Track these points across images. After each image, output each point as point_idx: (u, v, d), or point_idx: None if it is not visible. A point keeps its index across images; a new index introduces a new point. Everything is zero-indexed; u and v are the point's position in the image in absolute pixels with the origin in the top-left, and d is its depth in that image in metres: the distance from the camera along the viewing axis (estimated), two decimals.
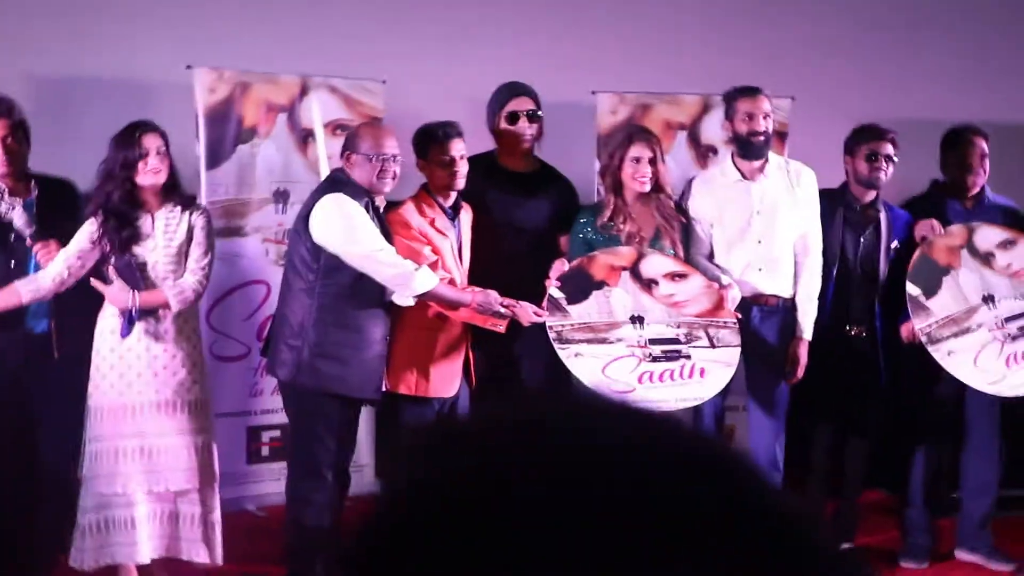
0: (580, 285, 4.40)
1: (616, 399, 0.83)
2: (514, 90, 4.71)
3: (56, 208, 4.30)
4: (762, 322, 4.73)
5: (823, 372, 4.81)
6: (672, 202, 4.63)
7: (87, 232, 4.15)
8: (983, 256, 4.74)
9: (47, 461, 4.32)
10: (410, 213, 4.36)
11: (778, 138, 5.77)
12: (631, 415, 0.81)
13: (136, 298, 4.12)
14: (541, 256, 4.52)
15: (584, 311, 4.38)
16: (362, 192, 4.13)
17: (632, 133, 4.57)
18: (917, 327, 4.66)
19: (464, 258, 4.50)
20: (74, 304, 4.25)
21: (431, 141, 4.38)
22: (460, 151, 4.37)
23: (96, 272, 4.18)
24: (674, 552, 0.71)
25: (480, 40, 6.07)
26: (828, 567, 0.75)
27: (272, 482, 5.27)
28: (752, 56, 6.21)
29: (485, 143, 4.87)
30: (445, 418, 4.25)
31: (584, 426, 0.79)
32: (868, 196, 4.86)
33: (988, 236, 4.76)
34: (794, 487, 5.07)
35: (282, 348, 4.17)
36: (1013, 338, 4.68)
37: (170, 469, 4.24)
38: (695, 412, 4.68)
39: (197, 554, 4.32)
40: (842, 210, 4.85)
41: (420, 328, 4.35)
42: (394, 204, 4.44)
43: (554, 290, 4.37)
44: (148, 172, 4.15)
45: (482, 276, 4.49)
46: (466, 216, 4.54)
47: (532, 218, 4.65)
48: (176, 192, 4.28)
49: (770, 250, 4.69)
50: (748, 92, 4.71)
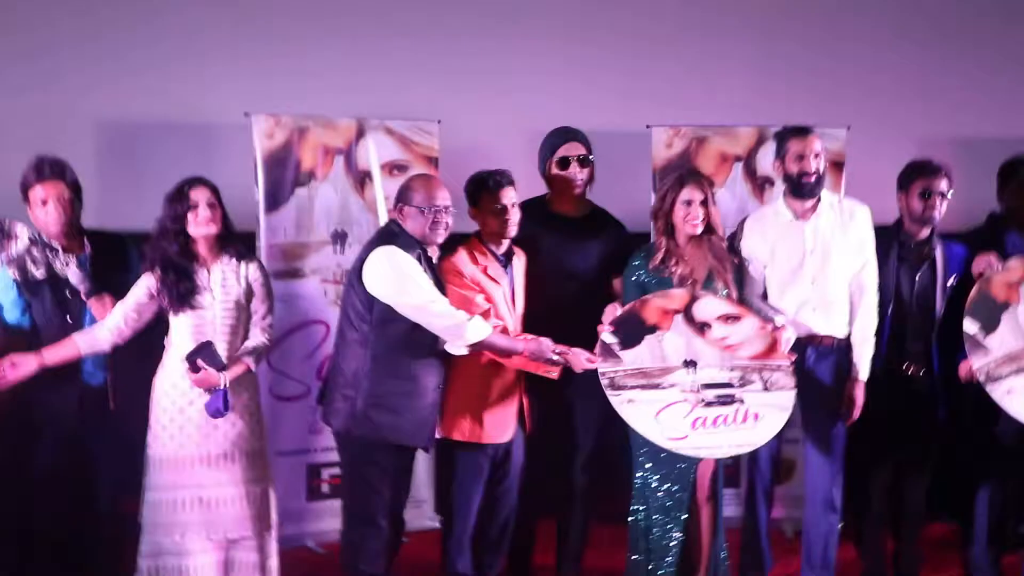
0: (633, 330, 4.40)
1: None
2: (565, 135, 4.74)
3: (108, 263, 4.44)
4: (817, 362, 4.70)
5: (880, 411, 4.76)
6: (724, 243, 4.62)
7: (145, 286, 4.26)
8: None
9: (104, 510, 4.45)
10: (463, 262, 4.41)
11: (835, 168, 5.76)
12: None
13: (227, 379, 4.26)
14: (594, 300, 4.53)
15: (637, 356, 4.38)
16: (414, 243, 4.19)
17: (683, 176, 4.56)
18: (975, 366, 4.60)
19: (517, 304, 4.54)
20: (129, 357, 4.37)
21: (483, 190, 4.42)
22: (512, 199, 4.41)
23: (157, 326, 4.30)
24: None
25: (534, 77, 6.12)
26: None
27: (331, 519, 5.32)
28: (806, 86, 6.21)
29: (540, 183, 4.90)
30: None
31: None
32: (923, 233, 4.81)
33: None
34: (854, 527, 5.06)
35: (336, 398, 4.24)
36: None
37: (227, 518, 4.34)
38: (751, 453, 4.68)
39: None
40: (896, 247, 4.81)
41: (474, 375, 4.40)
42: (449, 248, 4.47)
43: (607, 335, 4.38)
44: (200, 223, 4.25)
45: (536, 321, 4.53)
46: (519, 262, 4.57)
47: (584, 262, 4.67)
48: (231, 244, 4.36)
49: (824, 290, 4.66)
50: (799, 132, 4.69)
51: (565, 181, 4.70)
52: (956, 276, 4.79)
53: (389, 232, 4.24)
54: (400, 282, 4.10)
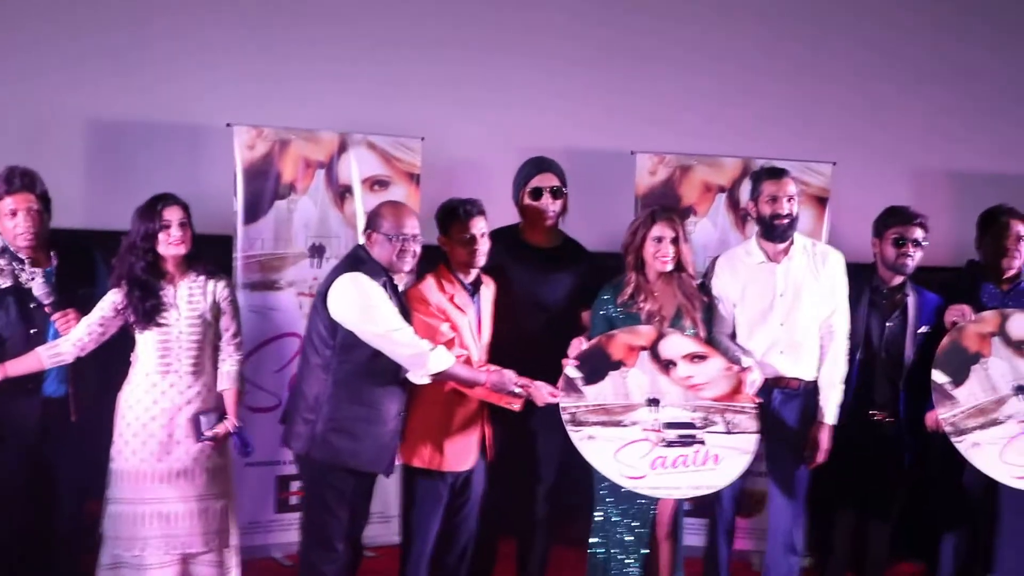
0: (597, 364, 4.39)
1: None
2: (538, 166, 4.72)
3: (75, 276, 4.42)
4: (783, 405, 4.69)
5: (846, 456, 4.75)
6: (695, 282, 4.60)
7: (110, 301, 4.26)
8: (1016, 344, 4.63)
9: (64, 521, 4.44)
10: (429, 290, 4.40)
11: (819, 203, 5.75)
12: None
13: (232, 425, 4.40)
14: (562, 332, 4.52)
15: (600, 392, 4.37)
16: (381, 271, 4.18)
17: (655, 212, 4.55)
18: (942, 416, 4.57)
19: (484, 334, 4.52)
20: (91, 369, 4.37)
21: (453, 218, 4.41)
22: (481, 229, 4.40)
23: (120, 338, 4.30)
24: None
25: (520, 96, 6.12)
26: None
27: (299, 531, 5.33)
28: (794, 119, 6.19)
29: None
30: None
31: None
32: (896, 279, 4.80)
33: (1022, 323, 4.66)
34: (816, 570, 5.05)
35: (297, 421, 4.23)
36: None
37: (187, 534, 4.34)
38: (714, 492, 4.65)
39: None
40: (868, 293, 4.80)
41: (436, 403, 4.39)
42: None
43: (570, 369, 4.37)
44: (170, 244, 4.25)
45: (502, 352, 4.52)
46: (487, 291, 4.56)
47: (553, 294, 4.65)
48: (198, 262, 4.36)
49: (792, 333, 4.65)
50: (773, 174, 4.67)
51: (537, 212, 4.69)
52: (928, 324, 4.76)
53: (356, 258, 4.23)
54: (364, 309, 4.09)
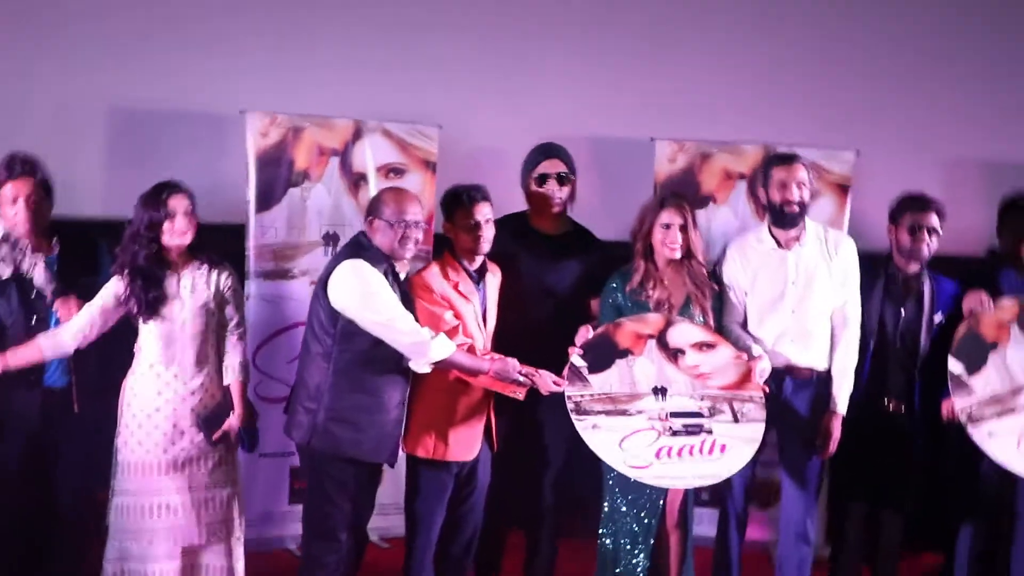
0: (604, 353, 4.34)
1: None
2: (545, 152, 4.67)
3: (77, 264, 4.41)
4: (794, 394, 4.62)
5: (859, 446, 4.67)
6: (704, 269, 4.54)
7: (112, 290, 4.25)
8: None
9: (64, 514, 4.43)
10: (433, 277, 4.37)
11: (841, 191, 5.66)
12: None
13: (237, 421, 4.37)
14: (569, 320, 4.47)
15: (606, 381, 4.32)
16: (382, 258, 4.16)
17: (664, 198, 4.49)
18: (957, 406, 4.49)
19: (489, 321, 4.49)
20: (92, 360, 4.36)
21: (457, 205, 4.38)
22: (486, 215, 4.36)
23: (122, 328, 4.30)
24: None
25: (539, 83, 6.05)
26: None
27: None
28: (816, 106, 6.08)
29: None
30: None
31: None
32: (912, 267, 4.70)
33: None
34: (829, 560, 4.98)
35: (299, 410, 4.22)
36: None
37: (193, 524, 4.33)
38: (726, 481, 4.60)
39: None
40: (883, 281, 4.71)
41: (440, 392, 4.35)
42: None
43: (576, 358, 4.32)
44: (175, 233, 4.23)
45: (508, 340, 4.48)
46: (493, 279, 4.52)
47: (561, 281, 4.61)
48: (202, 251, 4.35)
49: (804, 321, 4.57)
50: (783, 160, 4.60)
51: (543, 198, 4.65)
52: (944, 312, 4.66)
53: (357, 245, 4.21)
54: (364, 297, 4.06)
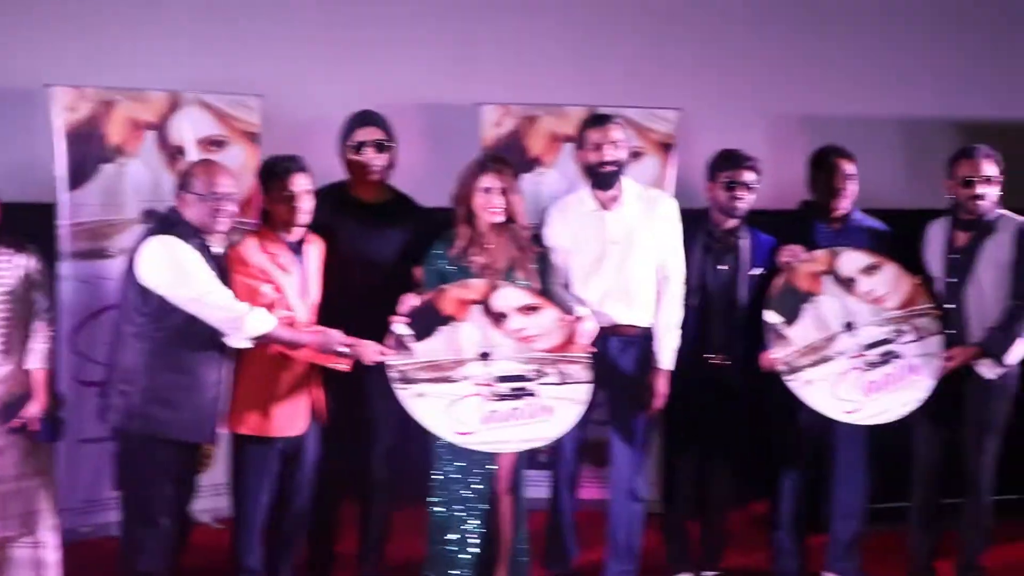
0: (428, 321, 4.31)
1: None
2: (362, 119, 4.61)
3: None
4: (621, 353, 4.67)
5: (685, 401, 4.76)
6: (527, 232, 4.54)
7: None
8: (845, 282, 4.67)
9: None
10: (250, 250, 4.27)
11: (664, 150, 5.73)
12: None
13: (40, 408, 4.22)
14: (393, 289, 4.41)
15: (431, 348, 4.30)
16: (193, 232, 4.05)
17: (484, 162, 4.47)
18: (776, 356, 4.61)
19: (311, 294, 4.41)
20: None
21: (272, 176, 4.30)
22: (303, 186, 4.29)
23: None
24: None
25: (363, 51, 5.95)
26: None
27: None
28: (640, 66, 6.13)
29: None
30: None
31: None
32: (729, 223, 4.79)
33: (852, 261, 4.69)
34: (660, 514, 5.07)
35: (113, 393, 4.09)
36: (872, 366, 4.63)
37: (2, 515, 4.17)
38: (555, 442, 4.63)
39: None
40: (703, 237, 4.78)
41: (262, 367, 4.27)
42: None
43: (399, 327, 4.29)
44: None
45: (332, 311, 4.42)
46: (314, 250, 4.45)
47: (383, 250, 4.56)
48: (4, 234, 4.18)
49: (627, 280, 4.62)
50: (597, 121, 4.63)
51: (361, 166, 4.59)
52: (761, 266, 4.76)
53: (166, 220, 4.10)
54: (175, 273, 3.96)
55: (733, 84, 6.27)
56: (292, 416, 4.34)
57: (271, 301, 4.21)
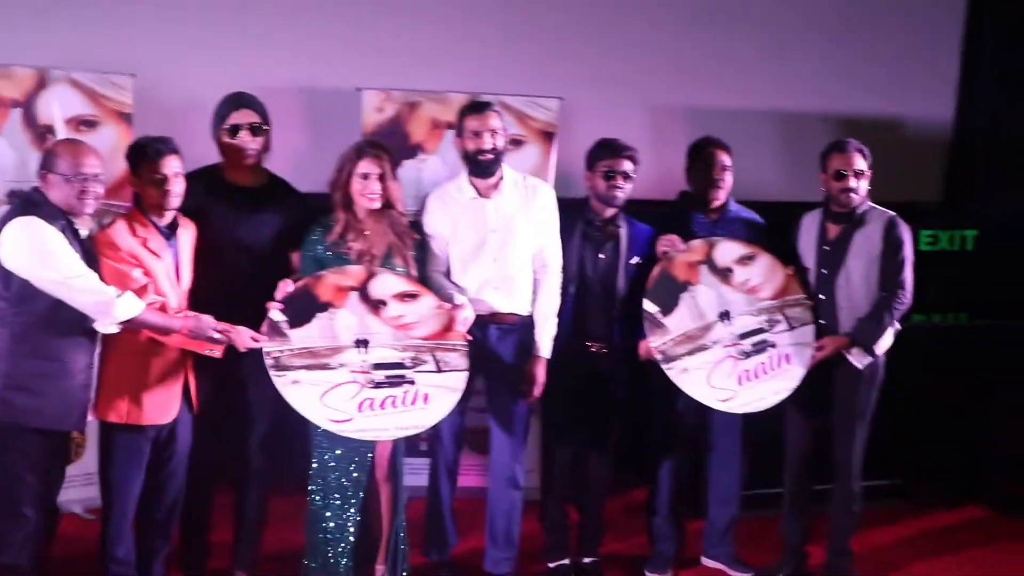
0: (304, 307, 4.25)
1: None
2: (236, 102, 4.50)
3: None
4: (500, 340, 4.66)
5: (564, 389, 4.77)
6: (406, 219, 4.50)
7: None
8: (722, 272, 4.73)
9: None
10: (119, 234, 4.16)
11: (546, 138, 5.74)
12: None
13: None
14: (269, 274, 4.33)
15: (306, 335, 4.24)
16: (58, 214, 3.92)
17: (361, 148, 4.43)
18: (653, 344, 4.64)
19: (183, 279, 4.31)
20: None
21: (142, 158, 4.18)
22: (174, 169, 4.19)
23: None
24: None
25: (242, 31, 5.84)
26: None
27: None
28: (521, 54, 6.12)
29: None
30: None
31: None
32: (608, 212, 4.81)
33: (728, 251, 4.75)
34: (539, 502, 5.08)
35: None
36: (747, 355, 4.70)
37: None
38: (434, 430, 4.61)
39: None
40: (582, 225, 4.79)
41: (131, 353, 4.16)
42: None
43: (274, 313, 4.22)
44: None
45: (204, 296, 4.33)
46: (186, 234, 4.34)
47: (258, 235, 4.46)
48: None
49: (506, 268, 4.62)
50: (475, 109, 4.61)
51: (236, 150, 4.49)
52: (640, 255, 4.79)
53: (29, 201, 3.96)
54: (39, 255, 3.83)
55: (615, 74, 6.29)
56: (163, 403, 4.24)
57: (142, 286, 4.10)
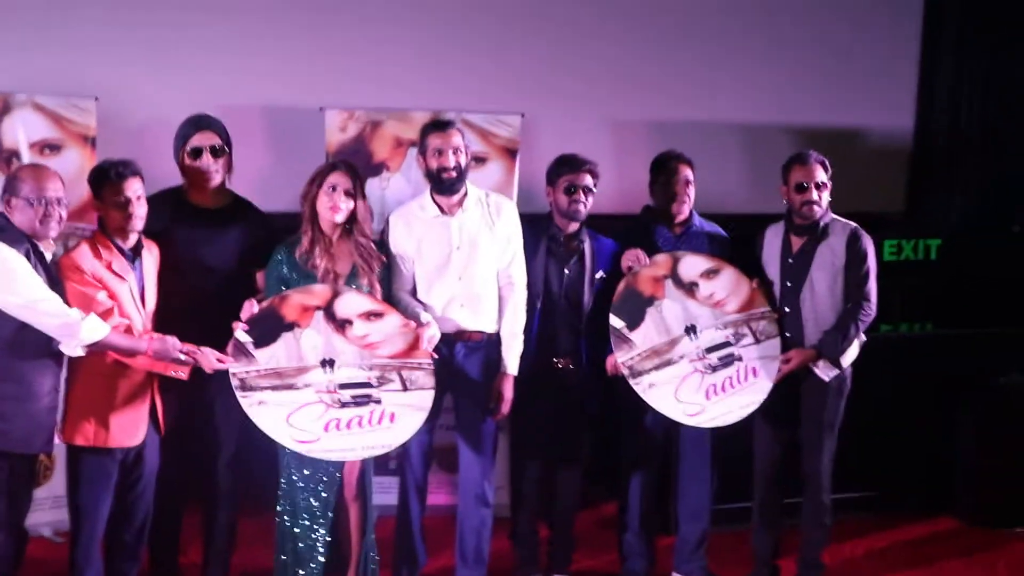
0: (269, 327, 4.25)
1: None
2: (196, 124, 4.51)
3: None
4: (466, 358, 4.67)
5: (532, 405, 4.78)
6: (371, 239, 4.51)
7: None
8: (687, 286, 4.75)
9: None
10: (83, 257, 4.15)
11: (509, 155, 5.76)
12: None
13: None
14: (233, 295, 4.34)
15: (272, 355, 4.24)
16: (22, 238, 3.92)
17: (334, 163, 4.49)
18: (620, 360, 4.65)
19: (148, 301, 4.31)
20: None
21: (104, 181, 4.18)
22: (136, 192, 4.19)
23: None
24: None
25: (203, 53, 5.83)
26: None
27: None
28: (482, 72, 6.15)
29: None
30: None
31: None
32: (571, 227, 4.83)
33: (692, 265, 4.78)
34: (509, 519, 5.08)
35: None
36: (713, 369, 4.71)
37: None
38: (402, 448, 4.61)
39: None
40: (546, 241, 4.81)
41: (98, 375, 4.16)
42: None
43: (240, 333, 4.21)
44: None
45: (169, 319, 4.32)
46: (150, 256, 4.34)
47: (221, 255, 4.47)
48: None
49: (471, 286, 4.63)
50: (438, 127, 4.63)
51: (198, 172, 4.49)
52: (604, 270, 4.81)
53: None
54: (3, 279, 3.83)
55: (576, 89, 6.35)
56: (130, 426, 4.23)
57: (107, 309, 4.09)
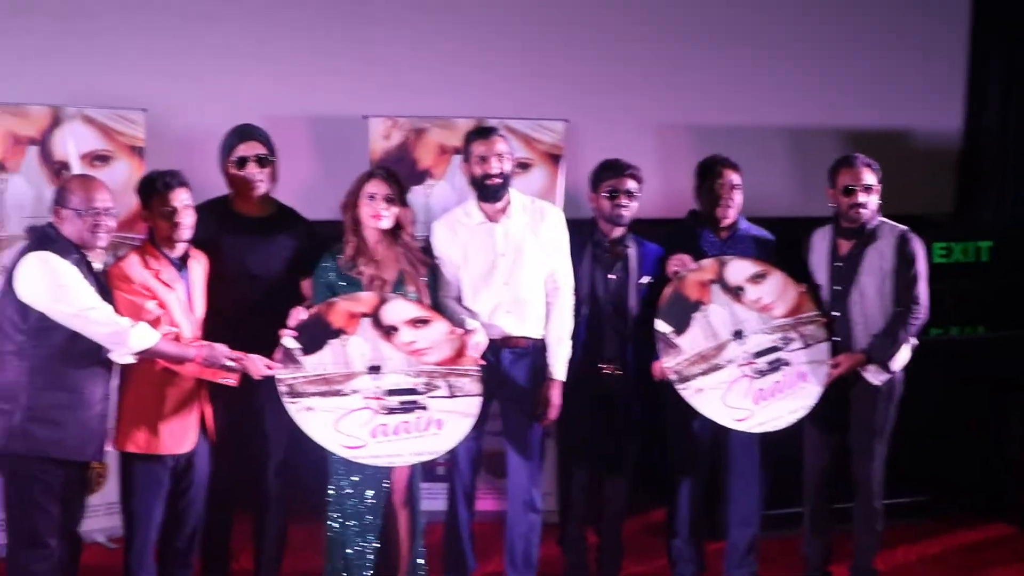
0: (317, 334, 4.27)
1: None
2: (242, 134, 4.55)
3: None
4: (513, 364, 4.67)
5: (579, 411, 4.77)
6: (417, 245, 4.53)
7: None
8: (733, 290, 4.73)
9: None
10: (132, 266, 4.20)
11: (552, 160, 5.76)
12: None
13: None
14: (280, 302, 4.37)
15: (319, 362, 4.26)
16: (72, 248, 3.97)
17: (373, 170, 4.49)
18: (666, 365, 4.64)
19: (196, 309, 4.35)
20: None
21: (152, 192, 4.23)
22: (183, 201, 4.23)
23: None
24: None
25: (249, 64, 5.89)
26: None
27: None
28: (526, 78, 6.15)
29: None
30: None
31: None
32: (616, 232, 4.82)
33: (739, 270, 4.75)
34: (558, 525, 5.07)
35: None
36: (762, 373, 4.68)
37: None
38: (451, 454, 4.61)
39: None
40: (591, 247, 4.81)
41: (148, 383, 4.20)
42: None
43: (288, 340, 4.24)
44: None
45: (218, 326, 4.36)
46: (197, 265, 4.38)
47: (268, 264, 4.51)
48: None
49: (517, 292, 4.63)
50: (481, 134, 4.64)
51: (244, 181, 4.53)
52: (650, 275, 4.80)
53: (44, 236, 4.01)
54: (54, 289, 3.88)
55: (620, 94, 6.33)
56: (181, 433, 4.27)
57: (156, 317, 4.13)
